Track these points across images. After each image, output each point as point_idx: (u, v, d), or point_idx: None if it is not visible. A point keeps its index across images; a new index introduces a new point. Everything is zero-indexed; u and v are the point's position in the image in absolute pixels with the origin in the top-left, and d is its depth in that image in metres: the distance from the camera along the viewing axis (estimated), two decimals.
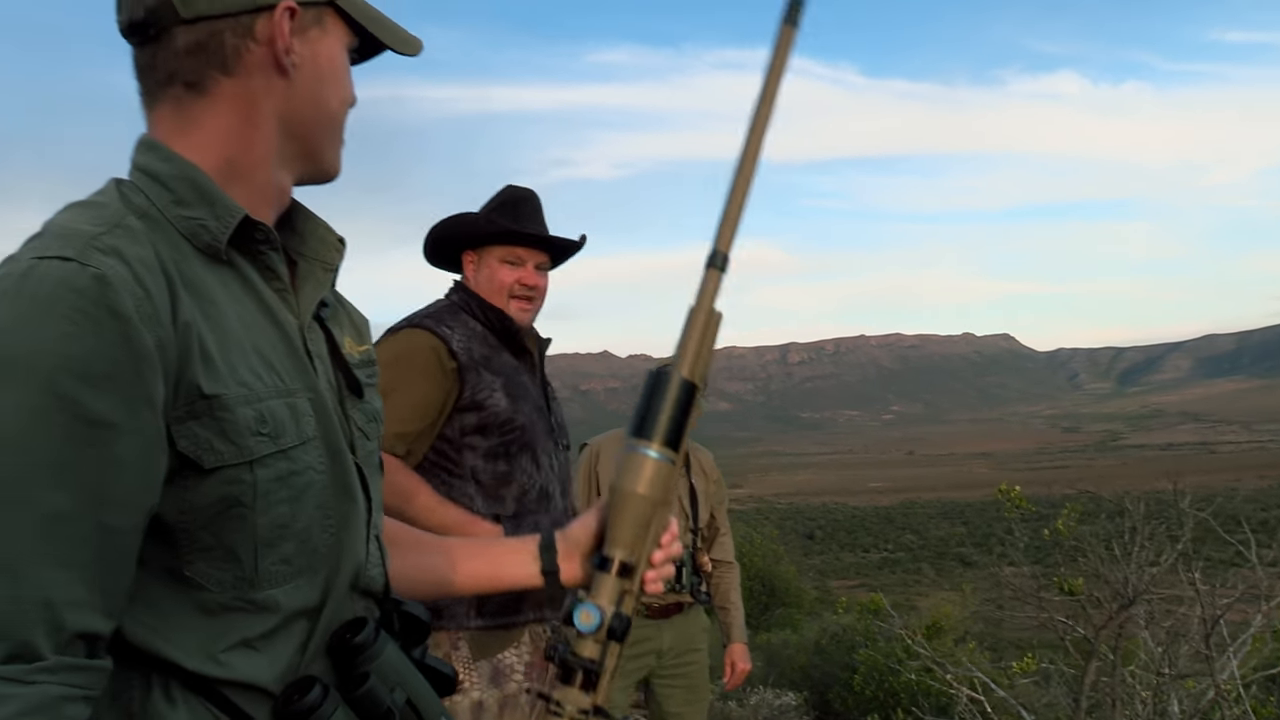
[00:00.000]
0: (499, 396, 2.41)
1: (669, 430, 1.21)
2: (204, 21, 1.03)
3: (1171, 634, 4.33)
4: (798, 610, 16.11)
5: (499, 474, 2.41)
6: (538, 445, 2.47)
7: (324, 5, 1.10)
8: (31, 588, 0.83)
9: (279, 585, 1.00)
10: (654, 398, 1.22)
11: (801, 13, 1.28)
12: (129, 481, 0.88)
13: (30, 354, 0.84)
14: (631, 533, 1.22)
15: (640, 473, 1.21)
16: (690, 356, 1.23)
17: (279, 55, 1.06)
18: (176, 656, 0.95)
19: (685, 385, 1.22)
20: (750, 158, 1.26)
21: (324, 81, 1.11)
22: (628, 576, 1.21)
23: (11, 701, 0.80)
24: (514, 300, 2.55)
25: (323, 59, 1.11)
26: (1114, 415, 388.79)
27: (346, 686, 1.04)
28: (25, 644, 0.82)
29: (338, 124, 1.16)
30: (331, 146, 1.16)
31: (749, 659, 4.19)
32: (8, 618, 0.81)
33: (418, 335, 2.41)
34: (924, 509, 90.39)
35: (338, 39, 1.13)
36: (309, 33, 1.09)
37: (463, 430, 2.39)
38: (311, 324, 1.14)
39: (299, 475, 1.01)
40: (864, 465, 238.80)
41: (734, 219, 1.25)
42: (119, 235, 0.93)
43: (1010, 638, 11.63)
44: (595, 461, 3.96)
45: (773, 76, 1.27)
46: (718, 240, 1.24)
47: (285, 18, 1.05)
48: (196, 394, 0.93)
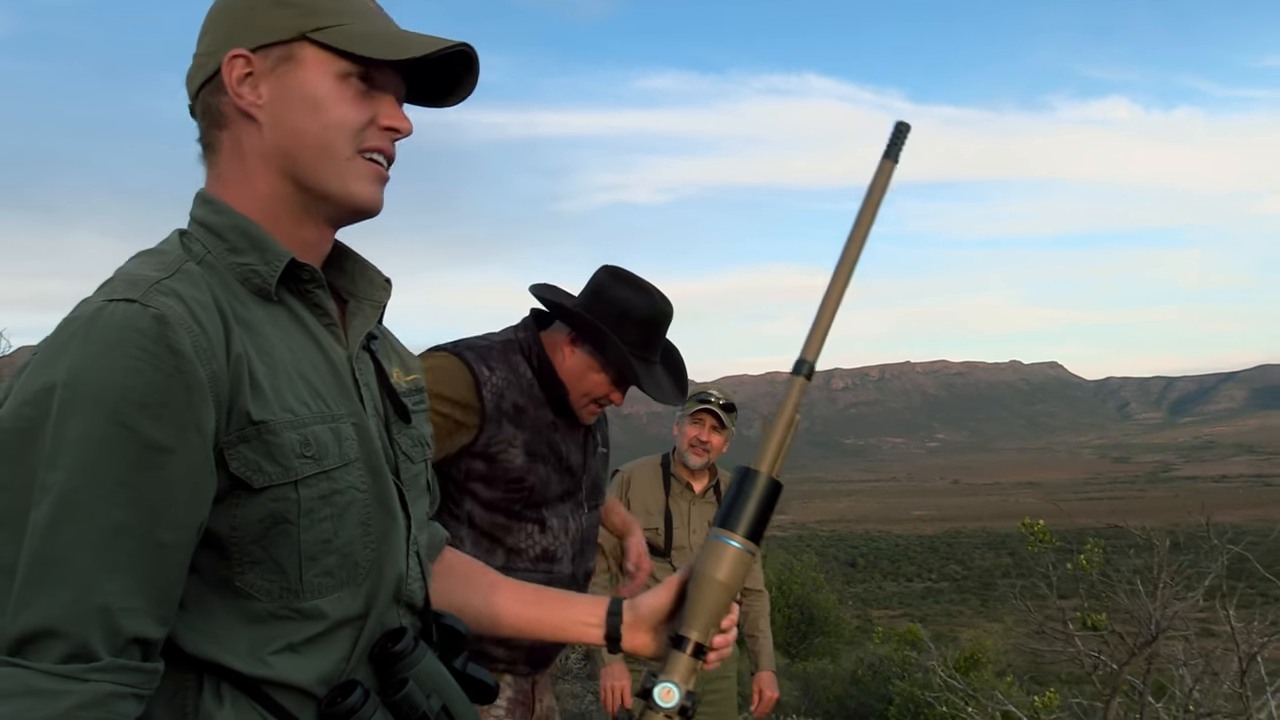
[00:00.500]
0: (514, 453, 2.28)
1: (753, 524, 1.31)
2: (201, 93, 1.18)
3: (1201, 671, 4.27)
4: (837, 639, 15.97)
5: (495, 525, 2.30)
6: (547, 508, 2.35)
7: (294, 41, 1.15)
8: (92, 594, 0.91)
9: (323, 595, 1.08)
10: (742, 493, 1.32)
11: (902, 150, 1.40)
12: (181, 500, 0.97)
13: (99, 386, 0.93)
14: (709, 617, 1.31)
15: (723, 561, 1.30)
16: (773, 456, 1.34)
17: (235, 101, 1.16)
18: (226, 659, 1.03)
19: (772, 485, 1.33)
20: (842, 278, 1.36)
21: (295, 111, 1.15)
22: (700, 657, 1.31)
23: (69, 697, 0.89)
24: (592, 405, 2.39)
25: (293, 92, 1.15)
26: (1165, 446, 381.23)
27: (386, 691, 1.13)
28: (84, 644, 0.91)
29: (325, 148, 1.16)
30: (327, 172, 1.17)
31: (777, 687, 4.21)
32: (69, 620, 0.90)
33: (450, 363, 2.26)
34: (969, 538, 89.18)
35: (318, 68, 1.15)
36: (277, 70, 1.16)
37: (468, 474, 2.27)
38: (361, 355, 1.24)
39: (341, 494, 1.10)
40: (908, 493, 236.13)
41: (822, 333, 1.36)
42: (179, 280, 1.03)
43: (1054, 671, 11.46)
44: (626, 488, 4.01)
45: (869, 206, 1.39)
46: (805, 350, 1.36)
47: (231, 67, 1.15)
48: (246, 420, 1.03)
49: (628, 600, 1.43)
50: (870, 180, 1.40)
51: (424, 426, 1.34)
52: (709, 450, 3.98)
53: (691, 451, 3.98)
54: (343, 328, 1.23)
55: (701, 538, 3.96)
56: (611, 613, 1.42)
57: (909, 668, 8.65)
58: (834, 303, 1.36)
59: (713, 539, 1.33)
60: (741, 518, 1.32)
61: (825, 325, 1.36)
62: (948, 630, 21.99)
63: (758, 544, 1.33)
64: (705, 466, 4.02)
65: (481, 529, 2.28)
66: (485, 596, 1.46)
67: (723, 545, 1.31)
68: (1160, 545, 4.51)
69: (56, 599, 0.90)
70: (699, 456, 3.98)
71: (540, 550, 2.34)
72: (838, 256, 1.39)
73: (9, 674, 0.89)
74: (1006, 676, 8.31)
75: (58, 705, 0.88)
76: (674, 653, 1.31)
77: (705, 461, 3.99)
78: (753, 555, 1.33)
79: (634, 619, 1.41)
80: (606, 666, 3.69)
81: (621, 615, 1.42)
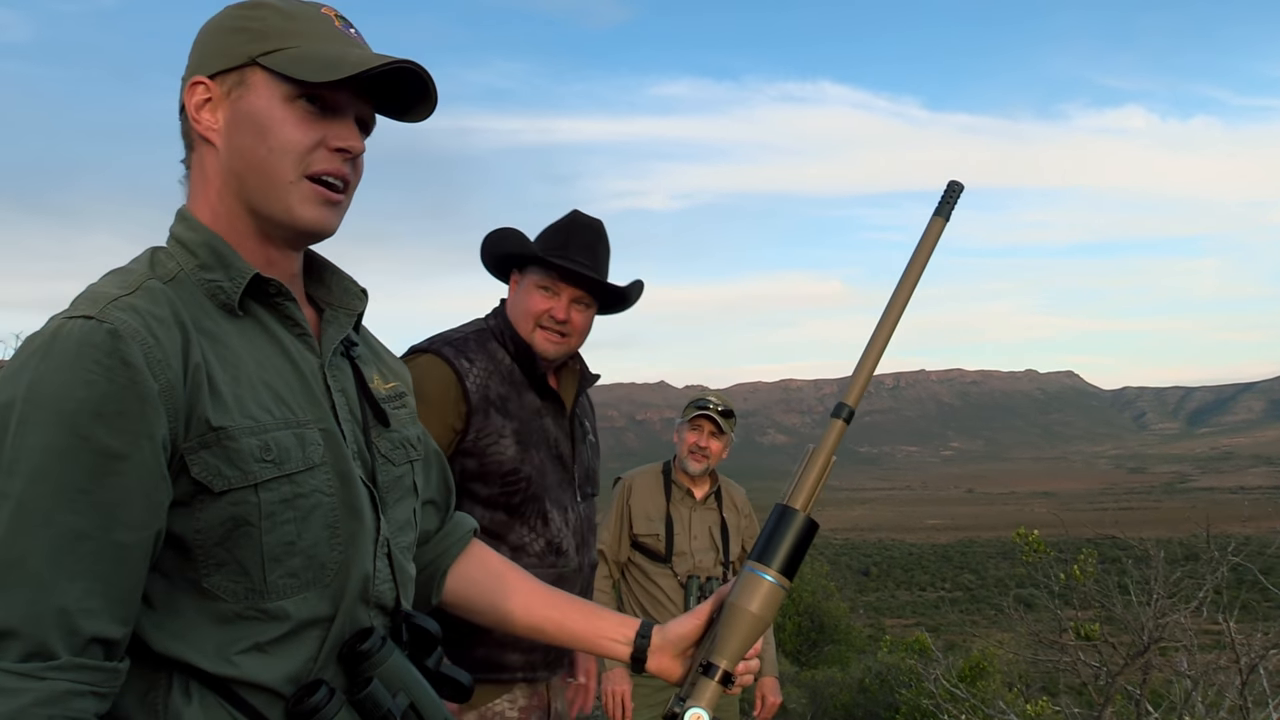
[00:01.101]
0: (506, 444, 2.27)
1: (787, 560, 1.37)
2: (181, 116, 1.24)
3: (1199, 682, 4.26)
4: (848, 648, 15.94)
5: (497, 522, 2.28)
6: (547, 497, 2.33)
7: (245, 66, 1.19)
8: (51, 596, 0.97)
9: (287, 596, 1.12)
10: (778, 530, 1.38)
11: (954, 208, 1.48)
12: (137, 504, 1.02)
13: (56, 399, 0.99)
14: (739, 646, 1.36)
15: (756, 593, 1.35)
16: (808, 493, 1.40)
17: (194, 125, 1.22)
18: (194, 659, 1.08)
19: (809, 524, 1.40)
20: (887, 328, 1.44)
21: (246, 135, 1.18)
22: (727, 685, 1.36)
23: (26, 694, 0.94)
24: (541, 330, 2.36)
25: (243, 116, 1.19)
26: (1182, 457, 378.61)
27: (353, 689, 1.16)
28: (42, 645, 0.96)
29: (271, 171, 1.18)
30: (275, 196, 1.19)
31: (779, 692, 4.23)
32: (27, 622, 0.95)
33: (434, 365, 2.26)
34: (983, 548, 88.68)
35: (266, 92, 1.18)
36: (231, 95, 1.20)
37: (462, 475, 2.24)
38: (339, 362, 1.28)
39: (305, 498, 1.14)
40: (922, 502, 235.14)
41: (865, 379, 1.43)
42: (138, 296, 1.09)
43: (1062, 681, 11.41)
44: (628, 495, 4.04)
45: (918, 260, 1.46)
46: (846, 395, 1.43)
47: (191, 94, 1.21)
48: (206, 426, 1.08)
49: (657, 626, 1.46)
50: (920, 236, 1.47)
51: (408, 429, 1.38)
52: (708, 456, 4.02)
53: (691, 458, 4.02)
54: (317, 337, 1.27)
55: (703, 544, 3.99)
56: (641, 635, 1.46)
57: (915, 676, 8.64)
58: (878, 351, 1.43)
59: (747, 572, 1.37)
60: (777, 553, 1.37)
61: (868, 372, 1.43)
62: (960, 640, 21.89)
63: (791, 579, 1.38)
64: (705, 472, 4.06)
65: (484, 528, 2.23)
66: (515, 598, 1.50)
67: (757, 579, 1.36)
68: (1156, 556, 4.52)
69: (14, 601, 0.95)
70: (698, 462, 4.01)
71: (545, 544, 2.33)
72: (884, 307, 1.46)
73: None
74: (1015, 687, 8.29)
75: (15, 702, 0.93)
76: (703, 679, 1.35)
77: (705, 467, 4.03)
78: (785, 590, 1.37)
79: (662, 643, 1.45)
80: (609, 671, 3.72)
81: (650, 639, 1.45)
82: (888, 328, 1.44)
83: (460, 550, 1.53)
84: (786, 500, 1.41)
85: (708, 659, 1.36)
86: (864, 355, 1.43)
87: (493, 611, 1.52)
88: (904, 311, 1.45)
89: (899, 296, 1.45)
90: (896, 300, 1.45)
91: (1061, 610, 4.95)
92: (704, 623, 1.43)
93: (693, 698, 1.33)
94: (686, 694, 1.35)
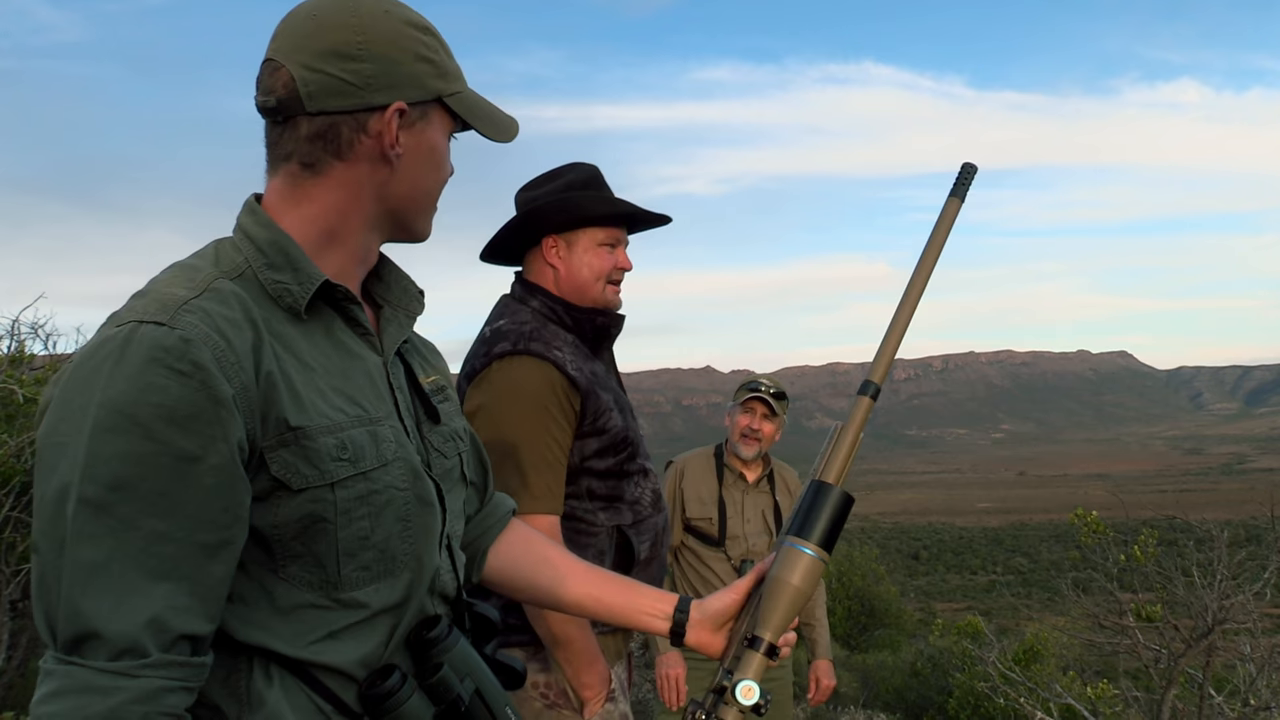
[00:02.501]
0: (614, 415, 2.32)
1: (825, 534, 1.41)
2: (325, 115, 1.19)
3: (1262, 664, 4.18)
4: (898, 631, 15.87)
5: (612, 488, 2.33)
6: (641, 453, 2.41)
7: (430, 102, 1.25)
8: (138, 597, 1.00)
9: (360, 588, 1.16)
10: (816, 504, 1.42)
11: (968, 189, 1.53)
12: (216, 504, 1.05)
13: (132, 405, 1.01)
14: (782, 619, 1.40)
15: (797, 567, 1.39)
16: (839, 468, 1.44)
17: (385, 149, 1.22)
18: (274, 645, 1.11)
19: (845, 498, 1.43)
20: (909, 307, 1.49)
21: (423, 167, 1.27)
22: (772, 657, 1.39)
23: (120, 693, 0.97)
24: (610, 285, 2.39)
25: (424, 148, 1.26)
26: (1240, 437, 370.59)
27: (422, 675, 1.20)
28: (133, 644, 0.99)
29: (433, 200, 1.32)
30: (424, 218, 1.32)
31: (833, 675, 4.23)
32: (116, 622, 0.99)
33: (536, 368, 2.23)
34: (1034, 531, 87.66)
35: (441, 128, 1.28)
36: (415, 126, 1.24)
37: (583, 456, 2.29)
38: (394, 360, 1.32)
39: (379, 494, 1.17)
40: (972, 485, 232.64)
41: (889, 356, 1.47)
42: (207, 298, 1.10)
43: (1119, 665, 11.26)
44: (680, 479, 4.05)
45: (936, 241, 1.51)
46: (872, 372, 1.47)
47: (395, 117, 1.21)
48: (285, 426, 1.10)
49: (695, 601, 1.49)
50: (937, 217, 1.51)
51: (454, 421, 1.41)
52: (761, 439, 4.00)
53: (743, 442, 4.00)
54: (377, 334, 1.30)
55: (756, 527, 3.99)
56: (680, 609, 1.49)
57: (968, 660, 8.58)
58: (901, 329, 1.47)
59: (787, 546, 1.40)
60: (816, 527, 1.40)
61: (892, 349, 1.47)
62: (1012, 624, 21.71)
63: (829, 553, 1.41)
64: (758, 456, 4.04)
65: (601, 496, 2.31)
66: (556, 576, 1.53)
67: (797, 553, 1.39)
68: (1219, 537, 4.43)
69: (103, 603, 0.98)
70: (751, 446, 3.99)
71: (652, 494, 2.40)
72: (905, 286, 1.49)
73: (66, 672, 0.98)
74: (1070, 670, 8.20)
75: (110, 700, 0.97)
76: (749, 652, 1.38)
77: (757, 451, 4.01)
78: (825, 564, 1.41)
79: (700, 617, 1.48)
80: (663, 655, 3.74)
81: (689, 613, 1.48)
82: (908, 308, 1.49)
83: (500, 530, 1.56)
84: (819, 475, 1.44)
85: (752, 632, 1.40)
86: (887, 334, 1.48)
87: (534, 589, 1.55)
88: (923, 292, 1.50)
89: (918, 278, 1.49)
90: (916, 281, 1.49)
91: (1119, 593, 4.88)
92: (742, 598, 1.46)
93: (740, 670, 1.37)
94: (733, 667, 1.39)
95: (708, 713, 1.36)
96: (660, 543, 2.40)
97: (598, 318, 2.38)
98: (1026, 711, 5.11)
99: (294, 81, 1.18)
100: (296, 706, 1.11)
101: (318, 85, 1.18)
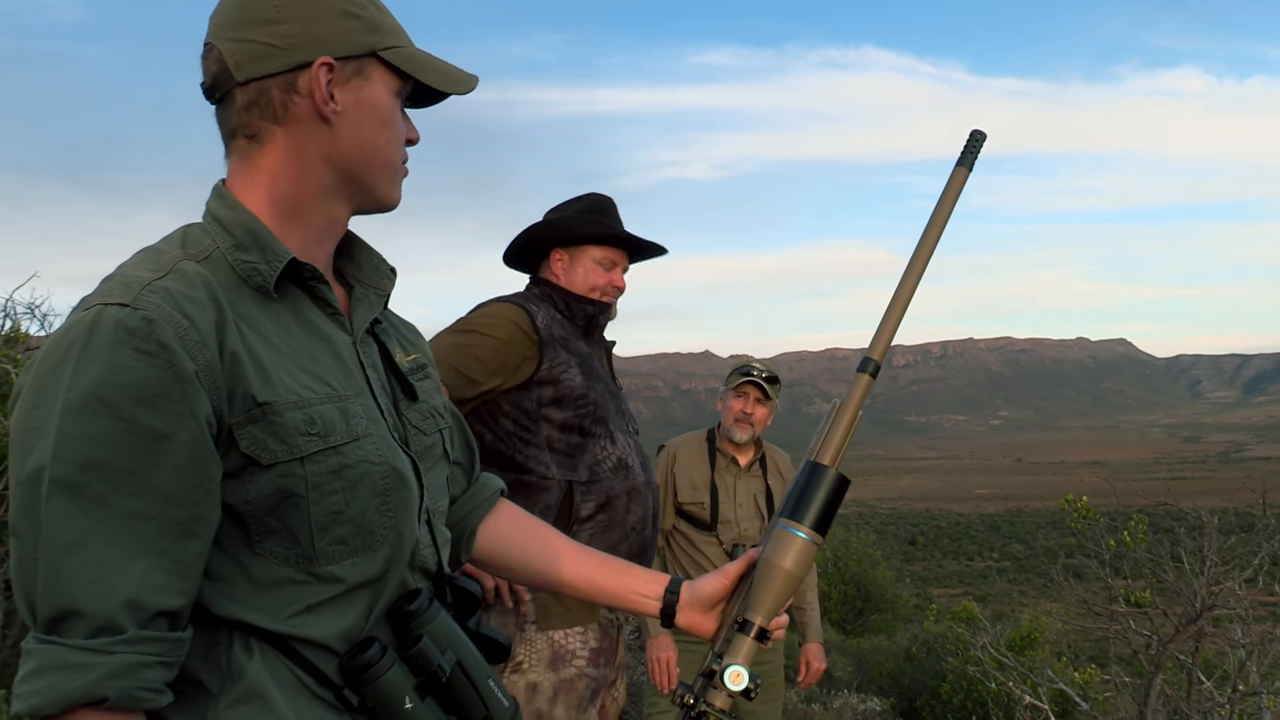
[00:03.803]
0: (575, 373, 2.54)
1: (819, 517, 1.38)
2: (255, 82, 1.21)
3: (1251, 650, 4.20)
4: (894, 616, 15.92)
5: (572, 444, 2.51)
6: (610, 421, 2.58)
7: (365, 57, 1.24)
8: (116, 575, 1.01)
9: (336, 562, 1.16)
10: (809, 486, 1.39)
11: (976, 158, 1.48)
12: (188, 481, 1.06)
13: (98, 387, 1.02)
14: (774, 603, 1.38)
15: (790, 550, 1.37)
16: (836, 448, 1.42)
17: (319, 105, 1.21)
18: (253, 619, 1.12)
19: (839, 480, 1.40)
20: (911, 282, 1.45)
21: (367, 124, 1.25)
22: (763, 641, 1.38)
23: (97, 669, 0.99)
24: (604, 298, 2.70)
25: (365, 105, 1.24)
26: (1238, 426, 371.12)
27: (403, 647, 1.21)
28: (109, 621, 1.00)
29: (387, 160, 1.28)
30: (384, 181, 1.29)
31: (824, 658, 4.24)
32: (93, 600, 1.00)
33: (505, 307, 2.55)
34: (1032, 518, 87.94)
35: (383, 85, 1.26)
36: (351, 82, 1.23)
37: (539, 402, 2.50)
38: (366, 339, 1.31)
39: (352, 468, 1.17)
40: (970, 471, 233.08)
41: (890, 333, 1.44)
42: (170, 278, 1.10)
43: (1113, 651, 11.31)
44: (672, 463, 4.05)
45: (941, 211, 1.46)
46: (872, 350, 1.43)
47: (322, 73, 1.21)
48: (252, 402, 1.11)
49: (687, 582, 1.49)
50: (943, 186, 1.46)
51: (434, 399, 1.41)
52: (754, 423, 4.00)
53: (736, 425, 4.00)
54: (347, 314, 1.30)
55: (748, 511, 4.00)
56: (670, 590, 1.49)
57: (962, 645, 8.62)
58: (902, 304, 1.43)
59: (779, 529, 1.38)
60: (809, 510, 1.38)
61: (893, 326, 1.43)
62: (1008, 610, 21.82)
63: (823, 536, 1.39)
64: (750, 440, 4.04)
65: (561, 450, 2.50)
66: (547, 555, 1.54)
67: (790, 536, 1.37)
68: (1209, 522, 4.44)
69: (78, 581, 1.00)
70: (744, 430, 3.99)
71: (616, 460, 2.56)
72: (908, 260, 1.45)
73: (45, 651, 1.00)
74: (1064, 656, 8.24)
75: (87, 676, 0.98)
76: (739, 636, 1.37)
77: (750, 435, 4.01)
78: (818, 547, 1.38)
79: (691, 599, 1.47)
80: (654, 638, 3.75)
81: (679, 594, 1.48)
82: (912, 280, 1.44)
83: (488, 509, 1.56)
84: (814, 456, 1.41)
85: (743, 616, 1.38)
86: (888, 309, 1.44)
87: (524, 568, 1.55)
88: (928, 264, 1.45)
89: (923, 249, 1.45)
90: (920, 253, 1.45)
91: (1112, 579, 4.90)
92: (733, 581, 1.45)
93: (729, 654, 1.36)
94: (723, 650, 1.38)
95: (696, 697, 1.35)
96: (620, 509, 2.51)
97: (588, 305, 2.66)
98: (1017, 696, 5.13)
99: (224, 57, 1.20)
100: (277, 678, 1.12)
101: (242, 54, 1.20)
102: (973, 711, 7.81)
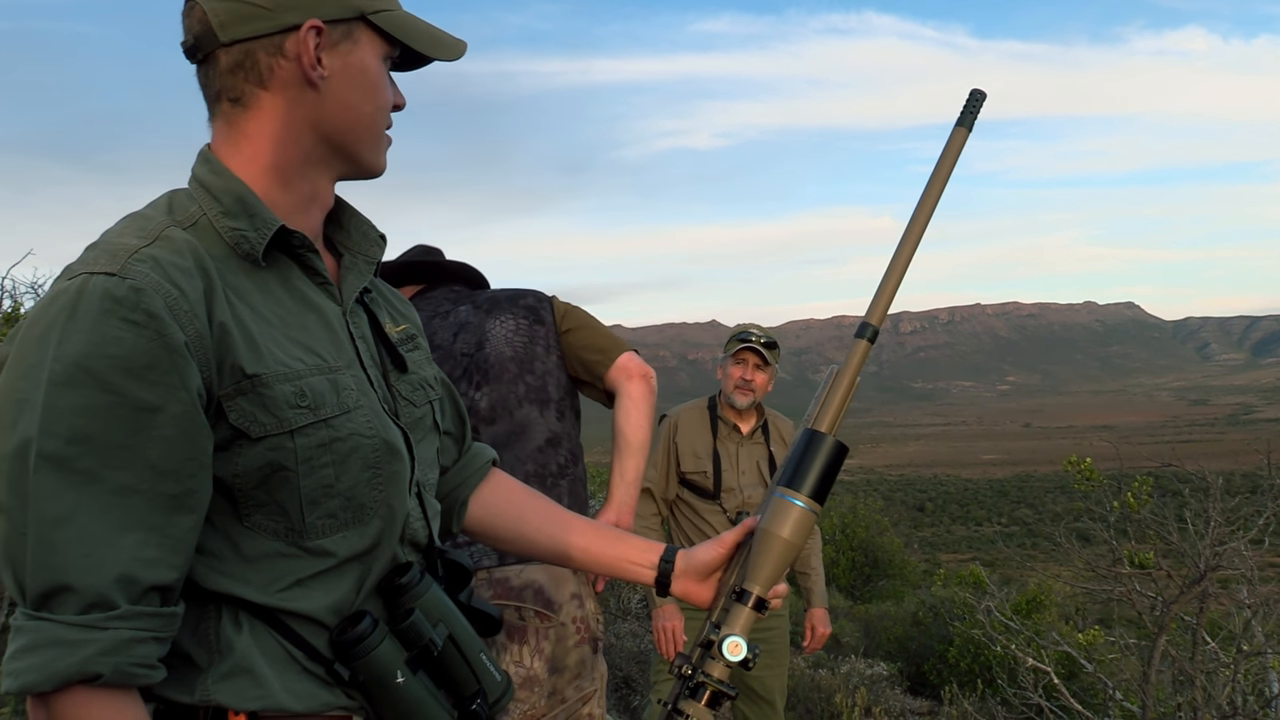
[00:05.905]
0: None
1: (817, 485, 1.36)
2: (240, 44, 1.17)
3: (1256, 610, 4.20)
4: (902, 582, 15.98)
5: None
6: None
7: (354, 20, 1.21)
8: (107, 549, 0.99)
9: (326, 536, 1.15)
10: (807, 455, 1.37)
11: (976, 118, 1.44)
12: (177, 453, 1.04)
13: (87, 358, 1.00)
14: (772, 572, 1.36)
15: (788, 519, 1.35)
16: (833, 415, 1.39)
17: (307, 70, 1.18)
18: (242, 592, 1.11)
19: (838, 447, 1.38)
20: (910, 244, 1.41)
21: (354, 89, 1.22)
22: (761, 610, 1.36)
23: (90, 645, 0.97)
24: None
25: (353, 69, 1.21)
26: (1247, 388, 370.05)
27: (394, 621, 1.19)
28: (101, 596, 0.99)
29: (373, 127, 1.26)
30: (369, 147, 1.27)
31: (829, 623, 4.25)
32: (84, 575, 0.98)
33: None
34: (1040, 482, 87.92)
35: (370, 49, 1.23)
36: (339, 46, 1.20)
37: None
38: (355, 309, 1.29)
39: (343, 441, 1.15)
40: (977, 437, 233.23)
41: (889, 297, 1.41)
42: (157, 246, 1.08)
43: (1120, 614, 11.33)
44: (674, 433, 4.03)
45: (941, 173, 1.43)
46: (870, 314, 1.40)
47: (310, 36, 1.18)
48: (240, 374, 1.09)
49: (683, 550, 1.47)
50: (943, 147, 1.43)
51: (424, 370, 1.39)
52: (754, 389, 3.98)
53: (737, 392, 3.98)
54: (337, 283, 1.28)
55: (751, 479, 3.99)
56: (665, 559, 1.47)
57: (969, 609, 8.65)
58: (901, 268, 1.41)
59: (777, 497, 1.36)
60: (807, 477, 1.36)
61: (892, 290, 1.40)
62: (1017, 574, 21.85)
63: (821, 504, 1.37)
64: (751, 406, 4.02)
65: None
66: (541, 525, 1.52)
67: (788, 504, 1.35)
68: (1214, 484, 4.43)
69: (69, 556, 0.98)
70: (745, 396, 3.97)
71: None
72: (906, 223, 1.42)
73: (36, 627, 0.98)
74: (1070, 620, 8.26)
75: (81, 653, 0.97)
76: (737, 605, 1.36)
77: (751, 401, 3.99)
78: (816, 515, 1.37)
79: (686, 568, 1.46)
80: (659, 608, 3.75)
81: (674, 563, 1.46)
82: (911, 243, 1.41)
83: (480, 480, 1.54)
84: (812, 423, 1.39)
85: (740, 585, 1.37)
86: (887, 273, 1.41)
87: (517, 538, 1.54)
88: (927, 227, 1.42)
89: (922, 211, 1.41)
90: (919, 216, 1.42)
91: (1118, 542, 4.90)
92: (729, 550, 1.44)
93: (727, 624, 1.34)
94: (720, 620, 1.36)
95: (694, 667, 1.34)
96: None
97: None
98: (1021, 659, 5.15)
99: (207, 16, 1.17)
100: (266, 652, 1.11)
101: (227, 13, 1.16)
102: (979, 675, 7.84)
